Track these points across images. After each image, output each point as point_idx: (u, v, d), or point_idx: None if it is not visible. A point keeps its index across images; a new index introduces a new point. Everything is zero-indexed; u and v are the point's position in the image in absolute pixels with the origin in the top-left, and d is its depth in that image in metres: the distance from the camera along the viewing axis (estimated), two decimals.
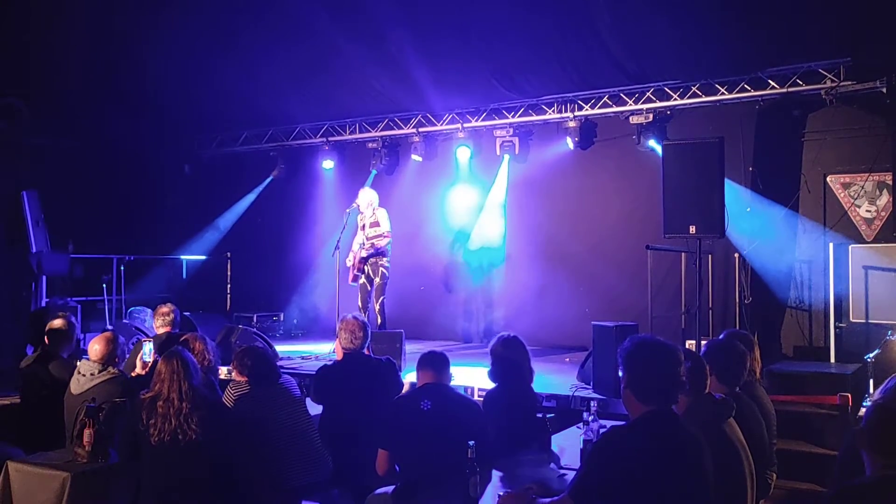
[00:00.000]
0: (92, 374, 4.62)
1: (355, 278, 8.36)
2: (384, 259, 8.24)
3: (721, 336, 4.47)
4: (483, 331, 9.87)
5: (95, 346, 4.75)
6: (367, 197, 8.39)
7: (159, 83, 9.33)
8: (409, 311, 9.88)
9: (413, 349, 7.99)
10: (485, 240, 10.12)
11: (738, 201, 7.92)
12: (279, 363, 5.81)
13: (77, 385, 4.63)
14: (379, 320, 8.18)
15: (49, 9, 7.90)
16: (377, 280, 8.20)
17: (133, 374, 5.11)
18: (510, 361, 4.53)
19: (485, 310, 10.08)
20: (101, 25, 8.14)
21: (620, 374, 2.80)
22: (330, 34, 8.24)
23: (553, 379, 6.85)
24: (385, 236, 8.19)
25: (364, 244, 8.22)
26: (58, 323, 5.48)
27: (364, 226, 8.31)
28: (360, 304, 8.32)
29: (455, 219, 10.34)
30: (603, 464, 2.65)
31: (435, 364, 4.12)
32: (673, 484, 2.62)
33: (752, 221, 8.02)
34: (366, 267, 8.24)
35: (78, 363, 4.82)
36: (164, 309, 6.10)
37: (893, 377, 3.07)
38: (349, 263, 8.39)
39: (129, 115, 9.78)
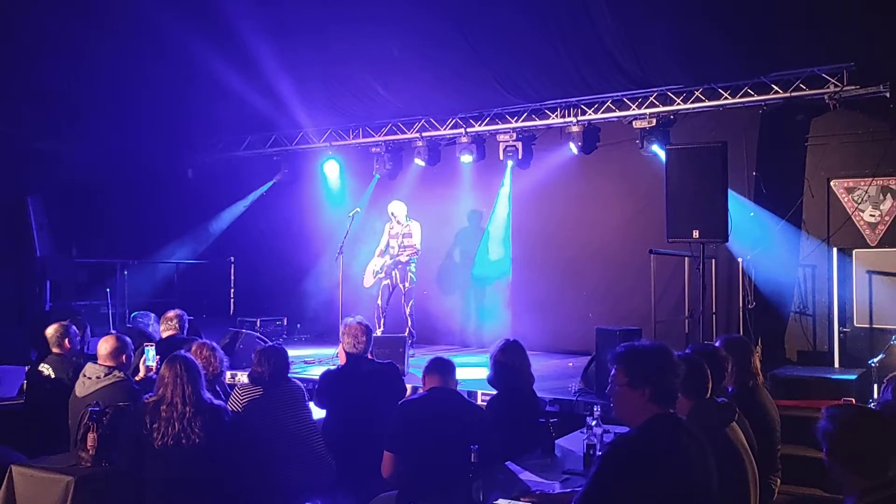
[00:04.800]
0: (97, 378, 4.63)
1: (375, 283, 8.84)
2: (411, 265, 8.77)
3: (716, 342, 4.46)
4: (486, 335, 9.85)
5: (103, 346, 4.76)
6: (402, 210, 8.87)
7: (163, 88, 9.36)
8: (413, 316, 9.87)
9: (416, 354, 8.03)
10: (488, 244, 10.13)
11: (742, 206, 7.92)
12: None
13: (82, 388, 4.63)
14: (409, 323, 8.73)
15: (55, 14, 7.94)
16: (406, 285, 8.74)
17: (137, 379, 5.12)
18: (510, 366, 4.53)
19: (488, 314, 10.08)
20: (106, 31, 8.18)
21: (621, 374, 2.77)
22: (333, 39, 8.28)
23: (556, 383, 6.85)
24: (415, 248, 8.74)
25: (394, 251, 8.72)
26: (51, 330, 5.51)
27: (397, 234, 8.77)
28: (379, 302, 8.79)
29: (458, 223, 10.36)
30: (613, 473, 2.62)
31: (441, 369, 4.15)
32: (683, 488, 2.61)
33: (755, 226, 8.02)
34: (394, 272, 8.73)
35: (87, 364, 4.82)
36: (170, 314, 6.12)
37: (887, 382, 3.06)
38: (375, 267, 8.83)
39: (133, 119, 9.81)
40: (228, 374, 6.18)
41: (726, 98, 8.19)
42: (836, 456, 2.41)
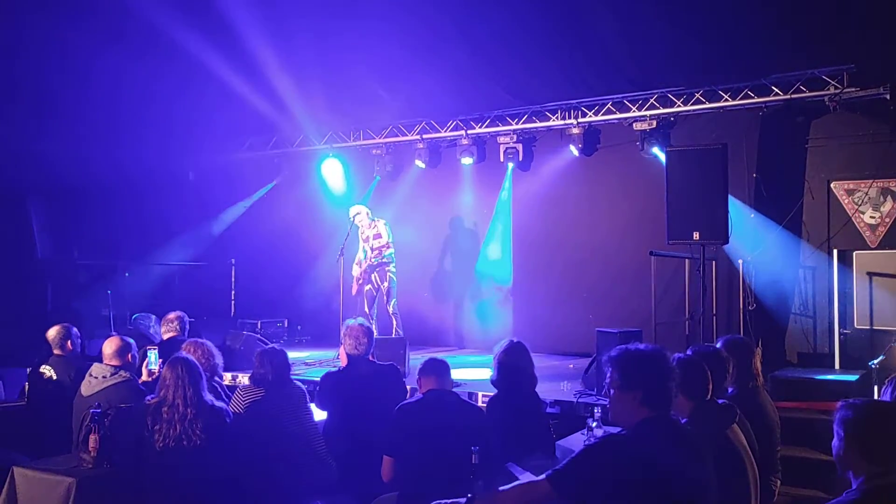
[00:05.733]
0: (104, 377, 4.64)
1: (359, 290, 8.67)
2: (391, 265, 8.57)
3: (717, 343, 4.47)
4: (486, 337, 9.84)
5: (108, 346, 4.77)
6: (362, 212, 8.71)
7: (164, 90, 9.37)
8: (413, 318, 9.89)
9: (417, 356, 8.02)
10: (488, 246, 10.14)
11: (742, 208, 7.93)
12: None
13: (88, 387, 4.64)
14: (395, 322, 8.55)
15: (56, 17, 7.95)
16: (385, 285, 8.54)
17: (140, 382, 5.12)
18: (513, 367, 4.53)
19: (489, 316, 10.09)
20: (107, 33, 8.19)
21: (615, 376, 2.79)
22: (334, 41, 8.28)
23: (557, 385, 6.86)
24: (388, 246, 8.55)
25: (369, 256, 8.56)
26: (52, 332, 5.53)
27: (367, 238, 8.61)
28: (366, 309, 8.56)
29: (459, 225, 10.37)
30: (590, 462, 2.64)
31: (437, 370, 4.15)
32: (665, 492, 2.61)
33: (755, 228, 8.03)
34: (373, 276, 8.59)
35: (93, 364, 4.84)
36: (171, 316, 6.13)
37: (888, 383, 3.07)
38: (355, 274, 8.68)
39: (135, 121, 9.81)
40: (229, 375, 6.20)
41: (726, 100, 8.20)
42: (851, 440, 2.52)
